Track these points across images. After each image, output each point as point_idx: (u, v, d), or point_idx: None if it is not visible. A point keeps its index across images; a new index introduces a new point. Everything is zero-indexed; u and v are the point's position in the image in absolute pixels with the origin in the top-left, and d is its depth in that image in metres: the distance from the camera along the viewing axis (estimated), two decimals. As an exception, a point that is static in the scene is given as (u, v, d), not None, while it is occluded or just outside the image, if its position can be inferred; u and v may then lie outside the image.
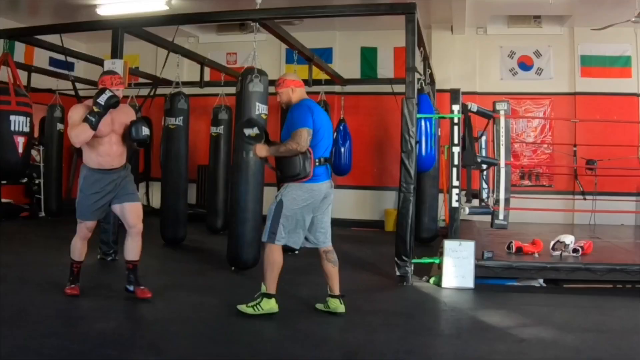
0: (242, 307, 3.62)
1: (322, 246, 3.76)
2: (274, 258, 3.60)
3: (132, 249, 3.99)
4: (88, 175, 3.89)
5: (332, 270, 3.75)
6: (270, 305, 3.58)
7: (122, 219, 3.99)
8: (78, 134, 3.70)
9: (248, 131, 3.72)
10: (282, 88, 3.73)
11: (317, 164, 3.56)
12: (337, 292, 3.74)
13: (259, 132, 3.68)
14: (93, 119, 3.67)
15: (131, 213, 3.95)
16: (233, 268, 5.03)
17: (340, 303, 3.72)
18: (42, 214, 8.72)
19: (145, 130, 3.90)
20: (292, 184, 3.58)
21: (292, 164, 3.52)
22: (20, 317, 3.46)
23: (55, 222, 8.32)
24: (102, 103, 3.69)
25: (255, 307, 3.59)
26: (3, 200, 8.19)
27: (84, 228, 3.95)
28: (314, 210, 3.64)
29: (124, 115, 3.96)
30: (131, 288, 3.99)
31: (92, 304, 3.86)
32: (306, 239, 3.73)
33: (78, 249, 4.01)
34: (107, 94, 3.71)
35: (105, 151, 3.85)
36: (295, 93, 3.71)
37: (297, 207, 3.57)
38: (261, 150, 3.68)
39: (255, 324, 3.50)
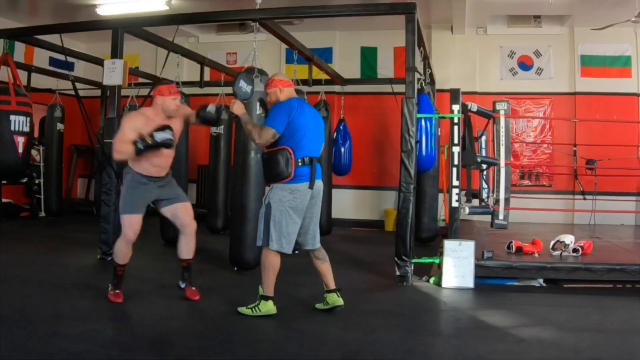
0: (242, 309, 3.64)
1: (311, 247, 3.75)
2: (270, 261, 3.61)
3: (187, 247, 4.02)
4: (134, 179, 3.83)
5: (323, 266, 3.76)
6: (267, 308, 3.60)
7: (175, 219, 3.96)
8: (121, 150, 3.67)
9: (244, 85, 3.73)
10: (271, 88, 3.75)
11: (299, 164, 3.54)
12: (332, 286, 3.75)
13: (250, 95, 3.71)
14: (142, 148, 3.64)
15: (184, 213, 3.96)
16: (235, 268, 5.02)
17: (338, 296, 3.72)
18: (42, 214, 8.72)
19: (211, 109, 3.89)
20: (275, 186, 3.58)
21: (273, 164, 3.53)
22: (20, 317, 3.46)
23: (55, 222, 8.33)
24: (158, 141, 3.66)
25: (253, 309, 3.61)
26: (3, 200, 8.19)
27: (129, 229, 3.81)
28: (302, 211, 3.61)
29: (177, 125, 3.93)
30: (183, 285, 4.04)
31: (92, 304, 3.86)
32: (296, 241, 3.70)
33: (123, 252, 3.91)
34: (167, 134, 3.69)
35: (158, 162, 3.84)
36: (284, 93, 3.72)
37: (284, 208, 3.55)
38: (238, 108, 3.74)
39: (255, 324, 3.50)
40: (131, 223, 3.81)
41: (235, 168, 5.18)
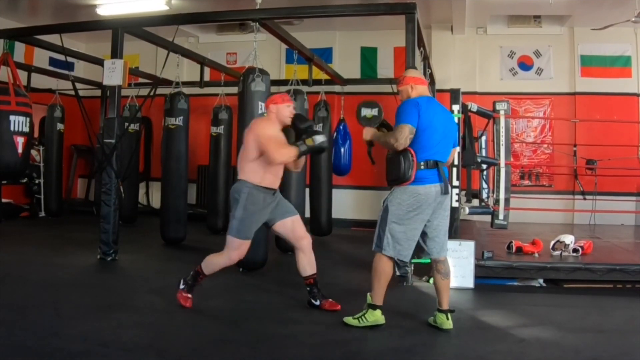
0: (348, 319, 3.45)
1: (436, 256, 3.51)
2: (381, 268, 3.42)
3: (308, 262, 3.86)
4: (252, 193, 3.70)
5: (442, 282, 3.50)
6: (375, 317, 3.40)
7: (288, 234, 3.83)
8: (286, 154, 3.63)
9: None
10: (402, 85, 3.52)
11: (422, 167, 3.31)
12: (445, 306, 3.47)
13: (378, 118, 3.64)
14: (304, 150, 3.64)
15: (297, 226, 3.83)
16: (241, 269, 4.99)
17: (447, 319, 3.44)
18: (42, 214, 8.72)
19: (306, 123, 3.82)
20: (397, 188, 3.38)
21: (394, 166, 3.34)
22: (20, 317, 3.46)
23: (55, 222, 8.32)
24: (321, 145, 3.66)
25: (360, 319, 3.42)
26: (3, 200, 8.19)
27: (236, 253, 3.71)
28: (424, 216, 3.38)
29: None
30: (317, 302, 3.85)
31: (92, 304, 3.86)
32: (420, 248, 3.48)
33: (217, 267, 3.82)
34: (324, 137, 3.69)
35: (276, 170, 3.77)
36: (415, 90, 3.49)
37: (403, 212, 3.34)
38: (367, 132, 3.63)
39: (254, 324, 3.50)
40: (241, 248, 3.72)
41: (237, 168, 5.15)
